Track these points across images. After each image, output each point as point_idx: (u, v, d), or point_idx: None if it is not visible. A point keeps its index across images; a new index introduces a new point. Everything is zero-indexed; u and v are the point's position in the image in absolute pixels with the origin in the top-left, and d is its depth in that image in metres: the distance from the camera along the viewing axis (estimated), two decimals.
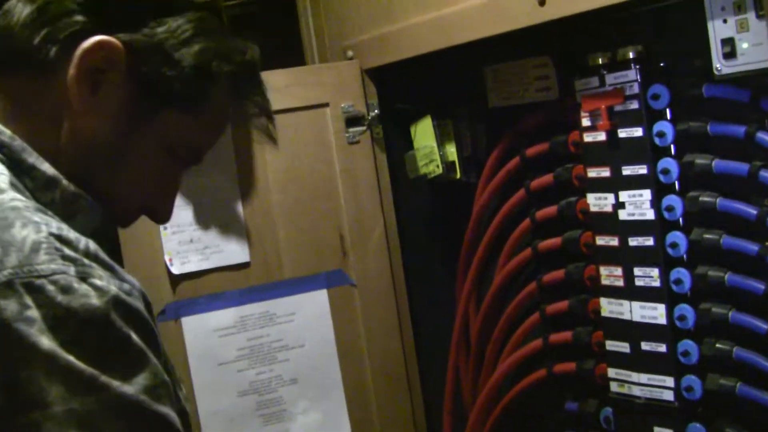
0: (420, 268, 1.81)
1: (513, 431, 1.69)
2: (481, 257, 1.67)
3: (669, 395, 1.33)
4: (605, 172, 1.36)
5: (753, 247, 1.21)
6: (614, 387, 1.41)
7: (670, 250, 1.29)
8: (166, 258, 1.63)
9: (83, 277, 0.74)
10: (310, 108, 1.73)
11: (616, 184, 1.35)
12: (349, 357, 1.73)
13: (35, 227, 0.75)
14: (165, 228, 1.61)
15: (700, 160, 1.25)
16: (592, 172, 1.39)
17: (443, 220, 1.81)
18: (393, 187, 1.78)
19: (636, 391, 1.37)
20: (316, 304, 1.71)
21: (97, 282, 0.74)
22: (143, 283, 0.83)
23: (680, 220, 1.29)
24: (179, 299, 1.66)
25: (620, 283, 1.36)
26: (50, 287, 0.71)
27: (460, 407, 1.77)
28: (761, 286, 1.20)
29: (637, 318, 1.35)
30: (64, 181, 0.85)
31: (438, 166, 1.68)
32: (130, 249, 1.58)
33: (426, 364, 1.80)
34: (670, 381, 1.32)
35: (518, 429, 1.69)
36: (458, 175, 1.70)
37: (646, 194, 1.31)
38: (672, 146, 1.29)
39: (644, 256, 1.32)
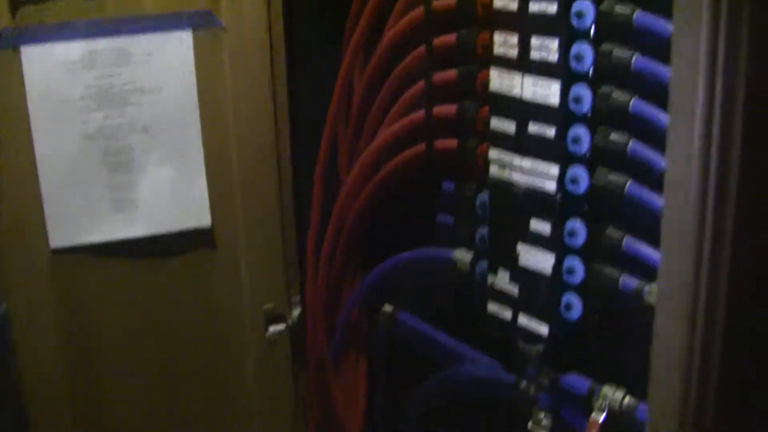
0: (303, 17, 1.59)
1: (386, 207, 1.56)
2: (371, 13, 1.47)
3: (551, 185, 1.18)
4: None
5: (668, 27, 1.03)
6: (494, 170, 1.26)
7: (575, 20, 1.10)
8: None
9: None
10: None
11: None
12: (212, 113, 1.54)
13: None
14: None
15: None
16: None
17: None
18: None
19: (517, 176, 1.23)
20: (178, 45, 1.49)
21: None
22: None
23: None
24: (19, 25, 1.43)
25: (514, 53, 1.18)
26: None
27: (334, 178, 1.62)
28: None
29: (528, 95, 1.17)
30: None
31: None
32: None
33: (300, 129, 1.63)
34: (554, 169, 1.17)
35: (392, 204, 1.55)
36: None
37: None
38: None
39: (545, 24, 1.13)
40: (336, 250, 1.62)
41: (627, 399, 1.21)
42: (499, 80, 1.21)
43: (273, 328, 1.67)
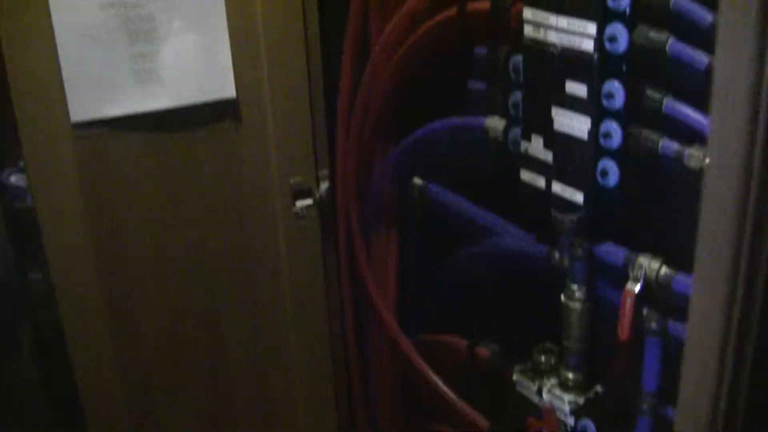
0: None
1: (417, 75, 1.50)
2: None
3: (589, 44, 1.12)
4: None
5: None
6: (529, 31, 1.19)
7: None
8: None
9: None
10: None
11: None
12: None
13: None
14: None
15: None
16: None
17: None
18: None
19: (552, 36, 1.16)
20: None
21: None
22: None
23: None
24: None
25: None
26: None
27: (365, 45, 1.56)
28: None
29: None
30: None
31: None
32: None
33: None
34: (592, 27, 1.10)
35: (423, 72, 1.49)
36: None
37: None
38: None
39: None
40: (365, 120, 1.57)
41: (663, 269, 1.17)
42: None
43: (300, 203, 1.64)
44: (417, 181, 1.58)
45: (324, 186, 1.65)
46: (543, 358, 1.40)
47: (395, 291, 1.70)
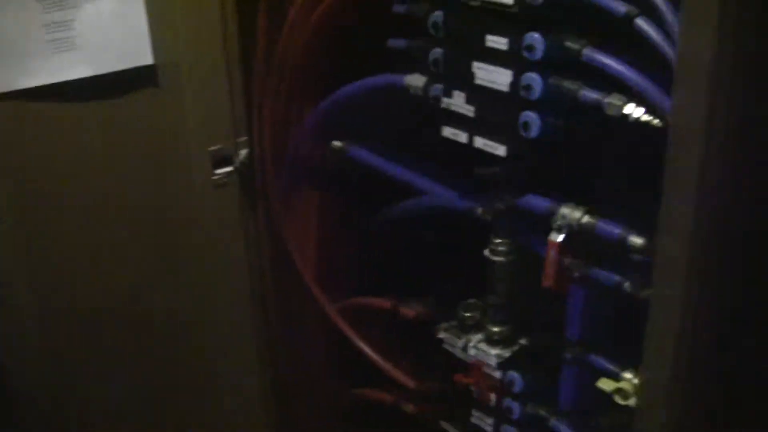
0: None
1: (334, 37, 1.50)
2: None
3: None
4: None
5: None
6: None
7: None
8: None
9: None
10: None
11: None
12: None
13: None
14: None
15: None
16: None
17: None
18: None
19: None
20: None
21: None
22: None
23: None
24: None
25: None
26: None
27: (281, 7, 1.54)
28: None
29: None
30: None
31: None
32: None
33: None
34: None
35: (340, 33, 1.49)
36: None
37: None
38: None
39: None
40: (282, 84, 1.56)
41: (586, 218, 1.20)
42: None
43: (220, 171, 1.62)
44: (336, 143, 1.57)
45: (243, 152, 1.63)
46: (468, 314, 1.42)
47: (317, 256, 1.70)
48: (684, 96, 0.92)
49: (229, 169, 1.62)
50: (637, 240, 1.13)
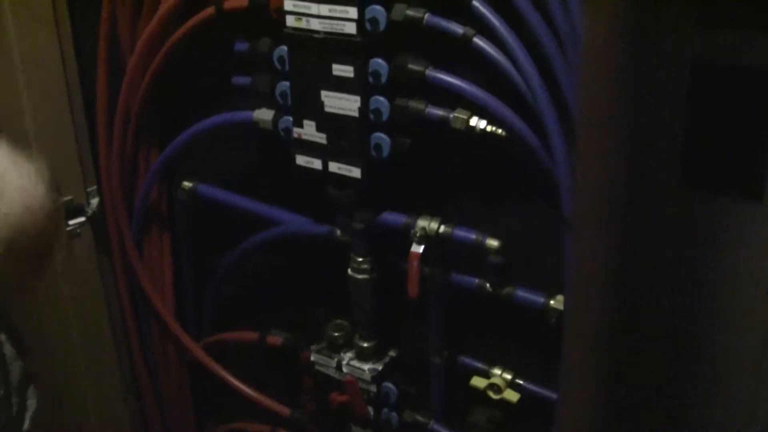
0: None
1: (177, 80, 1.52)
2: None
3: (351, 27, 1.19)
4: None
5: None
6: (291, 21, 1.25)
7: None
8: None
9: None
10: None
11: None
12: None
13: None
14: None
15: None
16: None
17: None
18: None
19: (315, 24, 1.23)
20: None
21: None
22: None
23: None
24: None
25: None
26: None
27: (117, 53, 1.55)
28: None
29: None
30: None
31: None
32: None
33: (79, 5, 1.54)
34: (353, 11, 1.18)
35: (184, 75, 1.51)
36: None
37: None
38: None
39: None
40: (127, 130, 1.56)
41: (442, 227, 1.28)
42: None
43: (73, 222, 1.60)
44: (186, 183, 1.58)
45: (95, 201, 1.62)
46: (337, 334, 1.47)
47: (173, 295, 1.71)
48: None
49: (81, 219, 1.61)
50: (493, 242, 1.22)
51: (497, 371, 1.32)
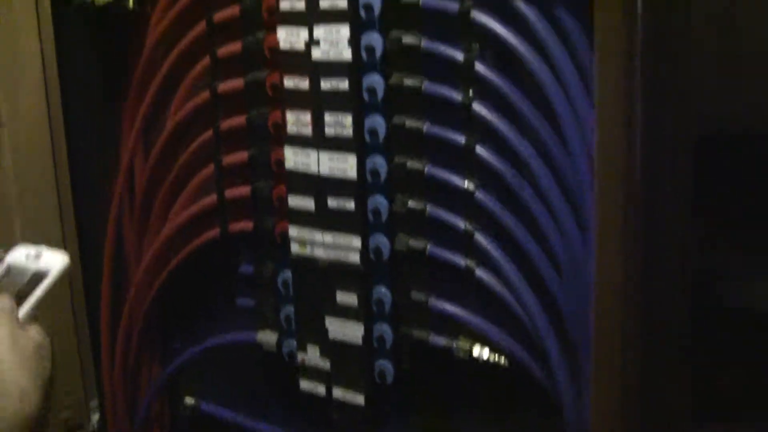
0: (80, 107, 1.53)
1: (183, 297, 1.52)
2: (153, 98, 1.44)
3: (355, 257, 1.21)
4: (300, 3, 1.19)
5: (456, 97, 1.10)
6: (295, 248, 1.27)
7: (366, 95, 1.15)
8: None
9: None
10: None
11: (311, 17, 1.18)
12: None
13: None
14: None
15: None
16: (285, 3, 1.20)
17: (111, 54, 1.53)
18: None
19: (319, 252, 1.24)
20: None
21: None
22: None
23: (379, 62, 1.15)
24: None
25: (308, 131, 1.21)
26: None
27: (122, 270, 1.56)
28: (461, 139, 1.11)
29: (325, 171, 1.20)
30: None
31: None
32: None
33: (85, 221, 1.56)
34: (357, 241, 1.20)
35: (188, 293, 1.51)
36: (131, 5, 1.44)
37: (344, 31, 1.15)
38: None
39: (337, 101, 1.17)
40: (129, 349, 1.56)
41: None
42: (295, 158, 1.23)
43: None
44: (188, 400, 1.56)
45: (95, 417, 1.59)
46: None
47: None
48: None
49: None
50: None
51: None
